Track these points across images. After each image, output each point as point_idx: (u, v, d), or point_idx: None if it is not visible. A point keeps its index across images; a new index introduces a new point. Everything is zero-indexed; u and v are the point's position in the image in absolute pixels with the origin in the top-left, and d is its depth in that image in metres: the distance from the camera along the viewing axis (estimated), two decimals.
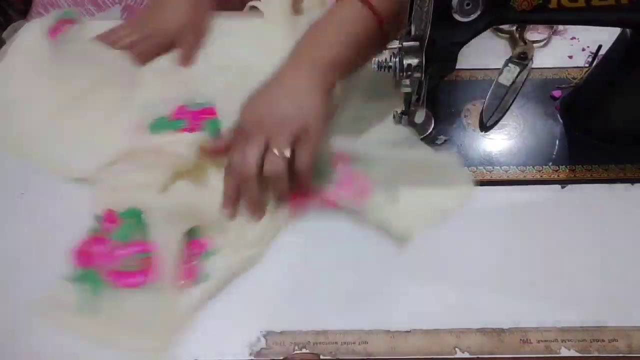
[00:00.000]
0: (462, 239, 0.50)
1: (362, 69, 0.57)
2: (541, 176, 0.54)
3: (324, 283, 0.48)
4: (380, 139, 0.58)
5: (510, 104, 0.60)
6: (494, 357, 0.43)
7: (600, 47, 0.61)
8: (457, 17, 0.42)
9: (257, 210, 0.51)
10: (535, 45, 0.65)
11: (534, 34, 0.66)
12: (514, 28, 0.67)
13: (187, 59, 0.66)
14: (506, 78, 0.61)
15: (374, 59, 0.48)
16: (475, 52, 0.64)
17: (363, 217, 0.51)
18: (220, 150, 0.54)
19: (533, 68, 0.63)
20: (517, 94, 0.61)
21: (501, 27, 0.67)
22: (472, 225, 0.51)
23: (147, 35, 0.65)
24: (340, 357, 0.43)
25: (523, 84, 0.62)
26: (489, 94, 0.60)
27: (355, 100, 0.61)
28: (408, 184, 0.53)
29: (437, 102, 0.60)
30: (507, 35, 0.67)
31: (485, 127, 0.58)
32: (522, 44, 0.65)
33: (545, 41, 0.66)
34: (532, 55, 0.64)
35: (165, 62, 0.65)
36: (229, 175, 0.52)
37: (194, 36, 0.67)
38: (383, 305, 0.46)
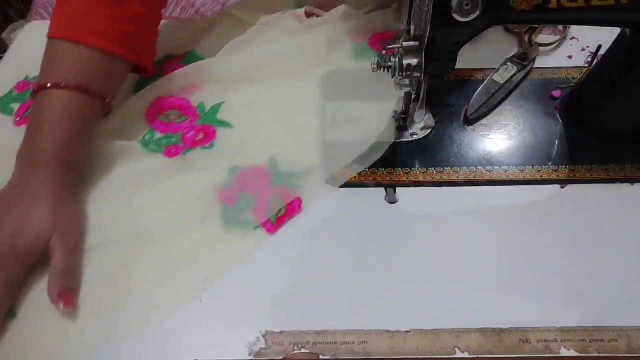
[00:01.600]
0: (462, 239, 0.50)
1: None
2: (541, 176, 0.54)
3: (324, 283, 0.48)
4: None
5: (499, 103, 0.60)
6: (494, 357, 0.43)
7: (600, 47, 0.61)
8: (456, 17, 0.42)
9: None
10: (543, 48, 0.65)
11: (545, 36, 0.66)
12: (524, 29, 0.67)
13: None
14: (501, 76, 0.61)
15: (373, 59, 0.49)
16: (485, 51, 0.64)
17: None
18: None
19: (533, 68, 0.63)
20: (509, 94, 0.61)
21: (511, 27, 0.68)
22: (472, 225, 0.51)
23: None
24: (340, 357, 0.43)
25: (518, 84, 0.62)
26: (479, 88, 0.60)
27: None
28: None
29: (437, 102, 0.60)
30: (516, 37, 0.67)
31: (467, 120, 0.58)
32: (527, 45, 0.65)
33: (555, 44, 0.66)
34: (534, 57, 0.64)
35: None
36: None
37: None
38: (383, 305, 0.46)
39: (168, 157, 0.57)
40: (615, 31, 0.51)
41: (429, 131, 0.58)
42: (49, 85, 0.51)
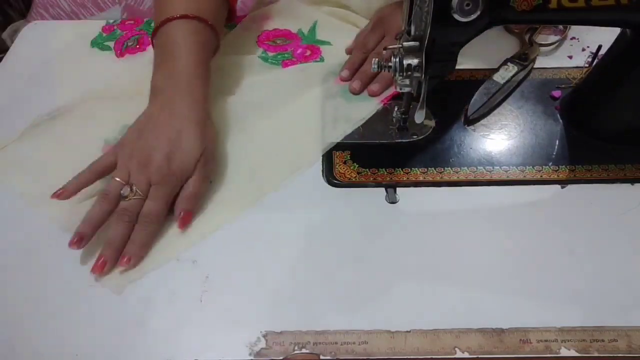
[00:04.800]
0: (462, 239, 0.50)
1: None
2: (541, 176, 0.54)
3: (324, 283, 0.48)
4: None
5: (499, 103, 0.60)
6: (494, 357, 0.43)
7: (600, 47, 0.61)
8: (457, 17, 0.42)
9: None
10: (544, 48, 0.65)
11: (545, 36, 0.66)
12: (524, 29, 0.67)
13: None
14: (501, 76, 0.61)
15: (374, 59, 0.49)
16: (485, 51, 0.64)
17: None
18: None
19: (533, 68, 0.63)
20: (509, 94, 0.61)
21: (512, 27, 0.68)
22: (472, 225, 0.51)
23: None
24: (340, 357, 0.43)
25: (518, 84, 0.62)
26: (479, 88, 0.60)
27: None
28: None
29: (437, 102, 0.60)
30: (516, 37, 0.67)
31: (468, 120, 0.58)
32: (527, 45, 0.65)
33: (555, 44, 0.66)
34: (534, 57, 0.64)
35: None
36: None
37: None
38: (383, 305, 0.46)
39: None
40: (615, 31, 0.51)
41: (429, 131, 0.58)
42: (173, 16, 0.55)
